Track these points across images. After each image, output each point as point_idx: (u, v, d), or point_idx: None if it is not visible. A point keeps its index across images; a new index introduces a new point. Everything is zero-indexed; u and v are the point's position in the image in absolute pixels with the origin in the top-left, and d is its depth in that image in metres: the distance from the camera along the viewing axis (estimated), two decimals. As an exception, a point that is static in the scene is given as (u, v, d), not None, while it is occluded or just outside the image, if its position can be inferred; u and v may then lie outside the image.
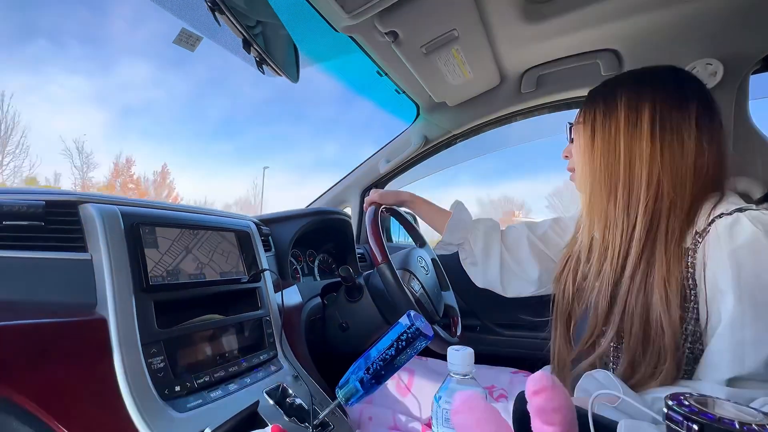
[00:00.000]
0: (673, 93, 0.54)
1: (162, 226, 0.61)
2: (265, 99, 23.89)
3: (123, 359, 0.49)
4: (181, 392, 0.53)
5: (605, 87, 0.60)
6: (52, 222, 0.53)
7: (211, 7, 0.60)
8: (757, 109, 0.95)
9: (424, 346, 0.54)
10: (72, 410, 0.43)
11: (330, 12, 0.79)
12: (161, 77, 24.36)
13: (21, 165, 12.67)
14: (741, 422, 0.29)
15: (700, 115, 0.53)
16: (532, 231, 0.83)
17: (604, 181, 0.58)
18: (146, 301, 0.54)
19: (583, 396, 0.50)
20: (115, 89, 22.64)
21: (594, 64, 1.02)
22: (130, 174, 13.61)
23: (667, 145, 0.53)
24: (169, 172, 14.61)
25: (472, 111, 1.25)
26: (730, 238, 0.48)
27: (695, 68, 0.90)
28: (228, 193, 24.17)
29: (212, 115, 25.46)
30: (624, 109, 0.55)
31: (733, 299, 0.47)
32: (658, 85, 0.55)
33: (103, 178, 13.75)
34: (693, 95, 0.54)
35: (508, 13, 0.86)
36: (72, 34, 22.00)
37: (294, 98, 25.14)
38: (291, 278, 1.01)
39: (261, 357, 0.68)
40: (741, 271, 0.47)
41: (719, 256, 0.49)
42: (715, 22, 0.84)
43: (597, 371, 0.50)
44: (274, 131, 27.29)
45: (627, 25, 0.89)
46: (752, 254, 0.46)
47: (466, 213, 0.89)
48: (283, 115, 28.13)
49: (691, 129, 0.53)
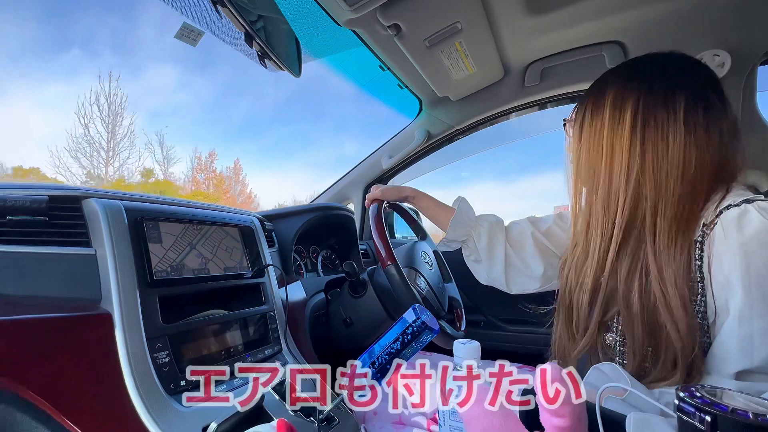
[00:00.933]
0: (658, 87, 0.52)
1: (166, 221, 0.61)
2: (287, 98, 23.57)
3: (128, 354, 0.49)
4: (187, 386, 0.53)
5: (598, 82, 0.59)
6: (56, 217, 0.53)
7: (213, 1, 0.59)
8: (765, 100, 0.94)
9: (429, 340, 0.53)
10: (78, 405, 0.43)
11: (332, 5, 0.78)
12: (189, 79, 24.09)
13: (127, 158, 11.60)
14: (755, 413, 0.28)
15: (690, 109, 0.50)
16: (536, 227, 0.82)
17: (587, 178, 0.57)
18: (151, 296, 0.54)
19: (590, 390, 0.50)
20: (146, 93, 22.53)
21: (599, 57, 1.00)
22: (213, 169, 13.08)
23: (650, 143, 0.51)
24: (241, 167, 13.86)
25: (475, 105, 1.24)
26: (738, 229, 0.47)
27: (702, 59, 0.89)
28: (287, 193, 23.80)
29: (235, 115, 25.16)
30: (609, 106, 0.54)
31: (742, 292, 0.46)
32: (644, 79, 0.53)
33: (182, 174, 13.10)
34: (683, 87, 0.51)
35: (511, 4, 0.85)
36: (105, 43, 22.04)
37: (313, 96, 24.71)
38: (294, 274, 1.01)
39: (266, 352, 0.68)
40: (750, 262, 0.46)
41: (727, 247, 0.48)
42: (722, 12, 0.82)
43: (604, 364, 0.50)
44: (295, 130, 26.84)
45: (632, 16, 0.88)
46: (761, 246, 0.46)
47: (470, 208, 0.87)
48: (304, 114, 27.53)
49: (677, 125, 0.50)
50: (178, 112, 23.23)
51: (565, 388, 0.34)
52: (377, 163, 1.46)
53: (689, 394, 0.32)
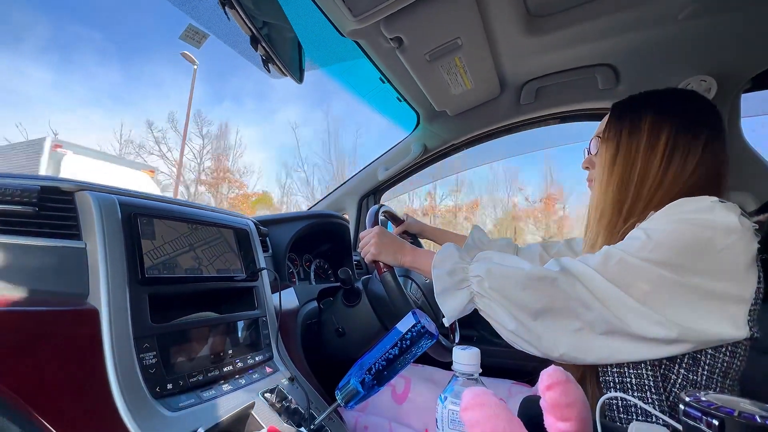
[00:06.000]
0: (690, 121, 0.57)
1: (161, 218, 0.59)
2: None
3: (114, 353, 0.46)
4: (174, 390, 0.50)
5: (632, 105, 0.63)
6: (46, 208, 0.51)
7: (221, 2, 0.60)
8: (749, 126, 0.98)
9: (428, 346, 0.52)
10: (57, 405, 0.40)
11: (337, 15, 0.80)
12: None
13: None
14: (762, 416, 0.28)
15: (709, 141, 0.56)
16: (546, 250, 0.86)
17: (617, 195, 0.59)
18: (141, 294, 0.52)
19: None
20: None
21: (592, 78, 1.04)
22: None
23: (672, 168, 0.56)
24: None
25: (471, 121, 1.26)
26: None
27: (690, 84, 0.93)
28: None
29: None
30: (647, 131, 0.58)
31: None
32: (678, 111, 0.58)
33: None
34: (707, 122, 0.57)
35: (510, 24, 0.88)
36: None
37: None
38: (287, 281, 0.99)
39: (256, 358, 0.65)
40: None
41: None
42: (709, 41, 0.87)
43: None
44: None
45: (624, 41, 0.92)
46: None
47: (484, 235, 0.94)
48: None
49: (698, 153, 0.56)
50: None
51: (571, 390, 0.34)
52: (373, 174, 1.47)
53: (695, 398, 0.32)
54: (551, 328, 0.51)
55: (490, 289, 0.55)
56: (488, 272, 0.55)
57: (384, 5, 0.75)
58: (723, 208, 0.48)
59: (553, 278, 0.51)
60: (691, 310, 0.46)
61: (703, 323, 0.46)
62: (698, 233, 0.47)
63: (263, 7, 0.73)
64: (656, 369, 0.50)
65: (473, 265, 0.60)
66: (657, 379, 0.49)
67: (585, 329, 0.49)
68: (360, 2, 0.74)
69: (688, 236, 0.47)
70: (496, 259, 0.59)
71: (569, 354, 0.50)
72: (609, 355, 0.49)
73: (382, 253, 0.74)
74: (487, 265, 0.57)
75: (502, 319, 0.54)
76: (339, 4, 0.74)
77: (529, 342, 0.53)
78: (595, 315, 0.48)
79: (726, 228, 0.46)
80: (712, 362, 0.48)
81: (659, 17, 0.84)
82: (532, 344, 0.52)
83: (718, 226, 0.46)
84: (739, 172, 0.95)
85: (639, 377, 0.50)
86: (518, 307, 0.52)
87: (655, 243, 0.48)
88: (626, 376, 0.51)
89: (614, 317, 0.47)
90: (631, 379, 0.51)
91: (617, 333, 0.48)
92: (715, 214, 0.47)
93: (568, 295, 0.49)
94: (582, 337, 0.50)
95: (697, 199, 0.50)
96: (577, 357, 0.50)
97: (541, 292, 0.51)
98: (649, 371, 0.50)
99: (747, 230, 0.47)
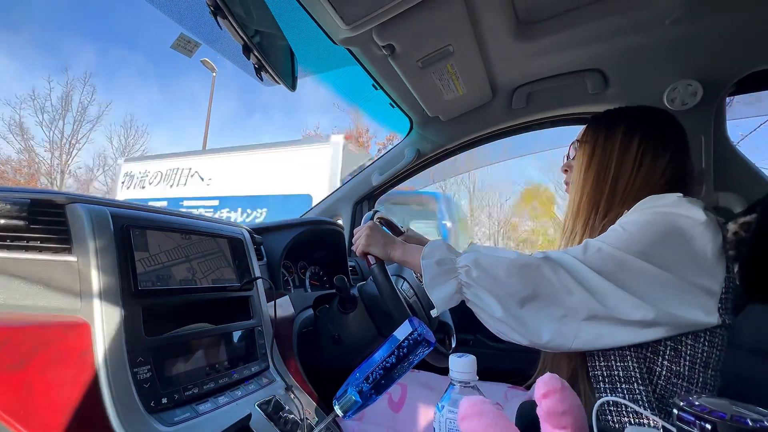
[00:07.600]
0: (658, 133, 0.65)
1: (153, 229, 0.59)
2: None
3: (107, 368, 0.46)
4: (169, 404, 0.50)
5: (608, 116, 0.70)
6: (37, 222, 0.50)
7: (213, 11, 0.60)
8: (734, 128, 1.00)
9: (425, 354, 0.52)
10: (48, 422, 0.40)
11: (329, 24, 0.80)
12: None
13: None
14: (753, 419, 0.29)
15: (675, 152, 0.63)
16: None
17: (593, 194, 0.65)
18: (134, 307, 0.51)
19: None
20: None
21: (581, 83, 1.06)
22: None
23: (643, 169, 0.63)
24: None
25: (464, 126, 1.27)
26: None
27: (676, 88, 0.95)
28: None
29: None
30: (620, 136, 0.65)
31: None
32: (649, 123, 0.66)
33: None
34: (672, 138, 0.64)
35: (501, 31, 0.89)
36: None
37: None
38: (282, 289, 0.99)
39: (252, 369, 0.65)
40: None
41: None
42: (695, 46, 0.89)
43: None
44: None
45: (612, 46, 0.94)
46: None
47: (482, 246, 0.95)
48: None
49: (666, 159, 0.62)
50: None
51: (566, 397, 0.34)
52: (367, 179, 1.47)
53: (687, 402, 0.32)
54: (537, 316, 0.54)
55: (478, 278, 0.56)
56: (475, 262, 0.57)
57: (376, 13, 0.76)
58: (688, 202, 0.53)
59: (537, 265, 0.54)
60: (664, 295, 0.50)
61: (676, 307, 0.49)
62: (669, 224, 0.51)
63: (255, 17, 0.73)
64: (641, 362, 0.53)
65: (461, 256, 0.62)
66: (643, 372, 0.53)
67: (568, 316, 0.52)
68: (352, 11, 0.75)
69: (660, 227, 0.52)
70: (484, 250, 0.62)
71: (554, 341, 0.53)
72: (592, 339, 0.52)
73: (372, 245, 0.74)
74: (474, 255, 0.59)
75: (490, 307, 0.56)
76: (331, 12, 0.75)
77: (515, 330, 0.55)
78: (577, 300, 0.51)
79: (693, 219, 0.51)
80: (693, 352, 0.52)
81: (646, 23, 0.86)
82: (518, 332, 0.55)
83: (686, 217, 0.51)
84: (724, 174, 0.98)
85: (626, 369, 0.53)
86: (505, 294, 0.55)
87: (629, 233, 0.52)
88: (614, 369, 0.54)
89: (595, 302, 0.51)
90: (619, 372, 0.54)
91: (598, 318, 0.51)
92: (682, 208, 0.52)
93: (552, 281, 0.53)
94: (566, 323, 0.52)
95: (665, 196, 0.56)
96: (562, 344, 0.53)
97: (527, 279, 0.54)
98: (635, 363, 0.53)
99: (712, 221, 0.51)
